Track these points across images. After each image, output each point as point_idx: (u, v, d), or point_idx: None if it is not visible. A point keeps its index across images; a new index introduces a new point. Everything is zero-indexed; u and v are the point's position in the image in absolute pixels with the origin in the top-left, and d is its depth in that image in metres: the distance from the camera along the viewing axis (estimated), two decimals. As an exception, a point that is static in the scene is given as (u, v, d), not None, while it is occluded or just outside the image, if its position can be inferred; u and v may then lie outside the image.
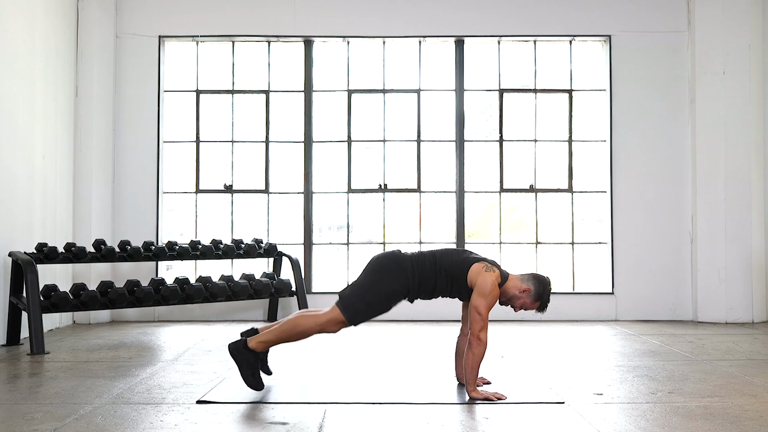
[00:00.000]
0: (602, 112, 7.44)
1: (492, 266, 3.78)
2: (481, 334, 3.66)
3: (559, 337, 5.99)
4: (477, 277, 3.73)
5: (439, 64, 7.53)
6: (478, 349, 3.67)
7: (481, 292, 3.68)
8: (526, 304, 3.84)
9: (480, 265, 3.77)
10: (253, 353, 3.79)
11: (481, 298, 3.67)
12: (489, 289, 3.68)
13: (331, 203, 7.52)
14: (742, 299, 6.89)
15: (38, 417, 3.34)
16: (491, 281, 3.70)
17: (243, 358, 3.77)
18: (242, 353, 3.77)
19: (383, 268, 3.81)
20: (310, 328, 3.75)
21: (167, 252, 6.31)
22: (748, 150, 6.95)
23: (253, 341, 3.79)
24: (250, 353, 3.78)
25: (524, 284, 3.82)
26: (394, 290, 3.78)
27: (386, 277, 3.78)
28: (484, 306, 3.67)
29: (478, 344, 3.66)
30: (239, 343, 3.81)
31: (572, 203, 7.43)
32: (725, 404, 3.60)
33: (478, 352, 3.67)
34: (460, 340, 4.09)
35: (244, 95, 7.51)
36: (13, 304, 5.54)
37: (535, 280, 3.85)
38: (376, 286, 3.78)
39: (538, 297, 3.83)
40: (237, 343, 3.81)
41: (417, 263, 3.82)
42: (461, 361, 4.02)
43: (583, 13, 7.31)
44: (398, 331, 6.35)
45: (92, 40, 7.03)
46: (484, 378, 4.11)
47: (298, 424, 3.25)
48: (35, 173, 6.16)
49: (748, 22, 6.97)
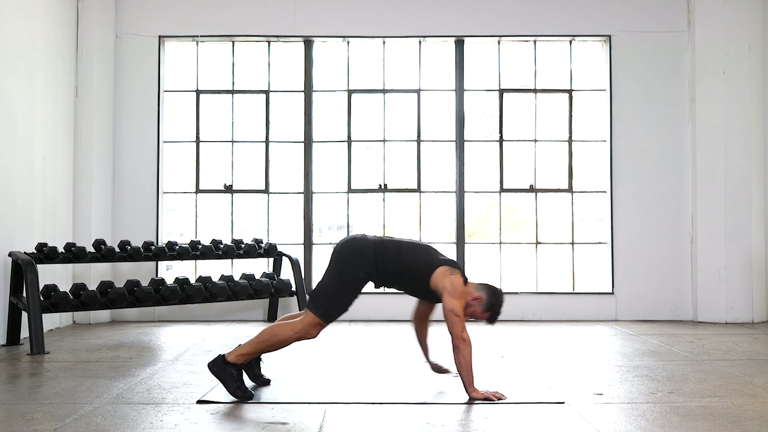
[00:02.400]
0: (602, 112, 7.44)
1: (455, 270, 3.78)
2: (463, 335, 3.66)
3: (559, 337, 5.99)
4: (443, 279, 3.73)
5: (439, 64, 7.53)
6: (466, 349, 3.66)
7: (453, 294, 3.68)
8: (476, 313, 3.80)
9: (445, 268, 3.76)
10: (234, 366, 3.73)
11: (454, 300, 3.67)
12: (459, 290, 3.70)
13: (331, 203, 7.52)
14: (742, 299, 6.89)
15: (38, 417, 3.34)
16: (459, 283, 3.72)
17: (224, 373, 3.72)
18: (222, 368, 3.72)
19: (344, 258, 3.79)
20: (288, 337, 3.72)
21: (167, 252, 6.31)
22: (748, 150, 6.95)
23: (231, 355, 3.75)
24: (231, 366, 3.73)
25: (477, 292, 3.79)
26: (358, 278, 3.77)
27: (348, 266, 3.76)
28: (460, 307, 3.68)
29: (464, 345, 3.66)
30: (217, 359, 3.76)
31: (572, 203, 7.43)
32: (725, 404, 3.60)
33: (466, 352, 3.67)
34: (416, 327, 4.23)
35: (244, 95, 7.51)
36: (13, 304, 5.54)
37: (488, 290, 3.82)
38: (340, 279, 3.76)
39: (489, 307, 3.79)
40: (215, 360, 3.77)
41: (380, 252, 3.80)
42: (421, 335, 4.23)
43: (583, 13, 7.31)
44: (398, 331, 6.34)
45: (92, 40, 7.03)
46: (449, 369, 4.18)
47: (298, 424, 3.25)
48: (35, 173, 6.16)
49: (748, 22, 6.97)
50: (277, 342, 3.74)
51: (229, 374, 3.71)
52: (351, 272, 3.76)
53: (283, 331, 3.73)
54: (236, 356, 3.75)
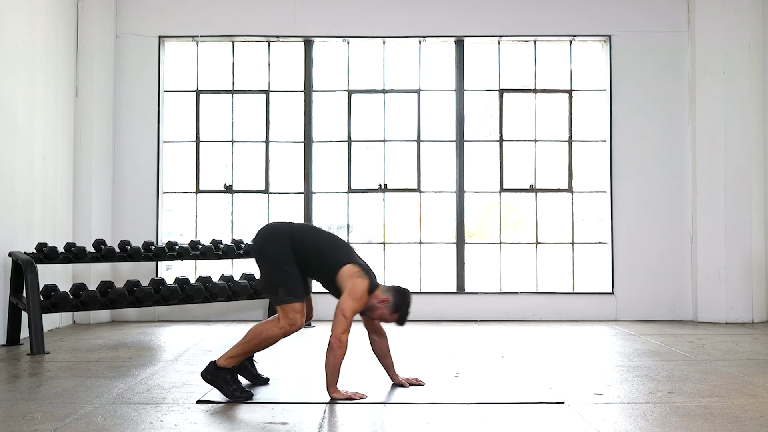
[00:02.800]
0: (602, 112, 7.44)
1: (365, 273, 3.75)
2: (342, 336, 3.65)
3: (559, 337, 5.99)
4: (349, 280, 3.71)
5: (439, 64, 7.53)
6: (339, 350, 3.65)
7: (351, 296, 3.67)
8: (384, 315, 3.79)
9: (355, 268, 3.74)
10: (227, 370, 3.73)
11: (350, 301, 3.66)
12: (359, 294, 3.68)
13: (331, 203, 7.52)
14: (742, 299, 6.88)
15: (38, 417, 3.34)
16: (363, 288, 3.70)
17: (219, 379, 3.72)
18: (215, 374, 3.72)
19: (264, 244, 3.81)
20: (274, 333, 3.72)
21: (167, 252, 6.31)
22: (748, 150, 6.95)
23: (222, 359, 3.75)
24: (224, 371, 3.73)
25: (383, 295, 3.77)
26: (286, 251, 3.76)
27: (270, 247, 3.77)
28: (351, 310, 3.66)
29: (339, 346, 3.64)
30: (209, 366, 3.76)
31: (572, 203, 7.43)
32: (725, 404, 3.60)
33: (339, 353, 3.66)
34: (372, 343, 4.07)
35: (244, 95, 7.51)
36: (13, 304, 5.54)
37: (395, 291, 3.80)
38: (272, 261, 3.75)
39: (396, 309, 3.77)
40: (207, 368, 3.77)
41: (295, 230, 3.83)
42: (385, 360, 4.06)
43: (583, 13, 7.31)
44: (398, 331, 6.34)
45: (92, 40, 7.03)
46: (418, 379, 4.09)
47: (298, 424, 3.25)
48: (35, 173, 6.16)
49: (748, 22, 6.97)
50: (264, 340, 3.73)
51: (223, 379, 3.71)
52: (276, 250, 3.76)
53: (268, 329, 3.73)
54: (226, 360, 3.74)
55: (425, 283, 7.37)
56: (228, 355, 3.76)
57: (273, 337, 3.73)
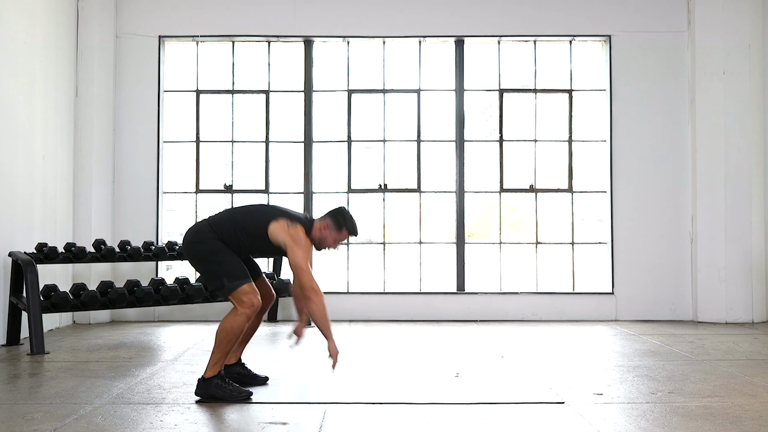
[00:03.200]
0: (602, 112, 7.44)
1: (294, 222, 3.74)
2: (313, 285, 3.66)
3: (559, 337, 5.99)
4: (282, 234, 3.71)
5: (439, 64, 7.53)
6: (317, 298, 3.65)
7: (296, 245, 3.67)
8: (335, 238, 3.82)
9: (279, 223, 3.73)
10: (215, 377, 3.72)
11: (298, 251, 3.67)
12: (301, 241, 3.69)
13: (331, 203, 7.50)
14: (742, 299, 6.88)
15: (38, 417, 3.34)
16: (300, 234, 3.70)
17: (211, 388, 3.70)
18: (207, 387, 3.71)
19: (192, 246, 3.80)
20: (240, 322, 3.68)
21: (167, 252, 6.31)
22: (748, 150, 6.95)
23: (207, 371, 3.74)
24: (212, 380, 3.71)
25: (322, 222, 3.81)
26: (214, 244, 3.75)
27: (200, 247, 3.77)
28: (303, 257, 3.68)
29: (315, 295, 3.65)
30: (198, 383, 3.75)
31: (572, 203, 7.43)
32: (725, 404, 3.60)
33: (318, 301, 3.66)
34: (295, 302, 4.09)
35: (244, 95, 7.51)
36: (13, 304, 5.54)
37: (329, 214, 3.84)
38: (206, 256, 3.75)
39: (339, 225, 3.81)
40: (198, 386, 3.75)
41: (215, 222, 3.82)
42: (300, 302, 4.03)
43: (583, 13, 7.31)
44: (398, 331, 6.35)
45: (92, 40, 7.03)
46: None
47: (298, 424, 3.25)
48: (35, 173, 6.16)
49: (748, 22, 6.97)
50: (233, 333, 3.70)
51: (216, 385, 3.70)
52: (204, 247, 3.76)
53: (232, 322, 3.69)
54: (210, 369, 3.73)
55: (425, 283, 7.37)
56: (210, 365, 3.73)
57: (239, 326, 3.70)
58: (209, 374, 3.72)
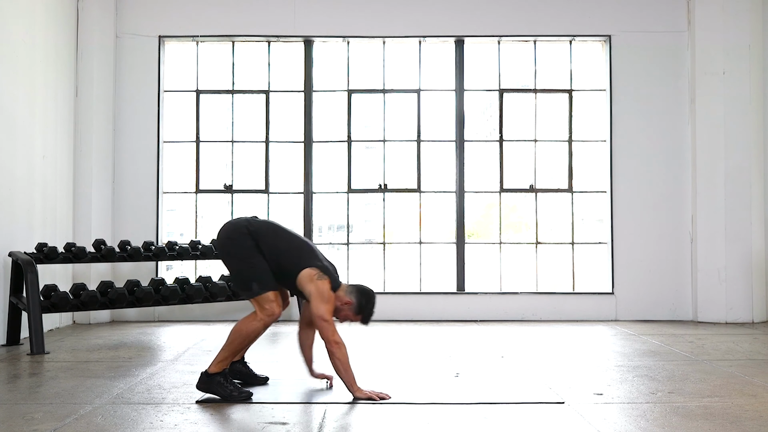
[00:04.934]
0: (602, 112, 7.44)
1: (324, 275, 3.76)
2: (335, 338, 3.67)
3: (559, 337, 5.99)
4: (309, 284, 3.72)
5: (439, 64, 7.53)
6: (340, 351, 3.68)
7: (321, 299, 3.68)
8: (349, 317, 3.84)
9: (312, 271, 3.74)
10: (219, 374, 3.74)
11: (322, 305, 3.67)
12: (327, 296, 3.70)
13: (331, 203, 7.52)
14: (742, 299, 6.88)
15: (38, 417, 3.34)
16: (326, 288, 3.72)
17: (213, 385, 3.72)
18: (209, 382, 3.73)
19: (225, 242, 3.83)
20: (256, 328, 3.73)
21: (167, 252, 6.31)
22: (748, 150, 6.95)
23: (211, 366, 3.76)
24: (215, 376, 3.73)
25: (347, 297, 3.80)
26: (249, 245, 3.77)
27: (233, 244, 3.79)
28: (327, 311, 3.68)
29: (338, 348, 3.67)
30: (201, 376, 3.77)
31: (572, 203, 7.43)
32: (725, 404, 3.60)
33: (341, 354, 3.68)
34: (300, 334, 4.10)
35: (244, 95, 7.51)
36: (13, 304, 5.54)
37: (358, 293, 3.83)
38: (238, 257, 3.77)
39: (359, 310, 3.81)
40: (200, 379, 3.77)
41: (253, 226, 3.83)
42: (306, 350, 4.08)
43: (583, 13, 7.31)
44: (398, 331, 6.35)
45: (92, 40, 7.03)
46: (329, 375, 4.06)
47: (298, 424, 3.25)
48: (35, 173, 6.16)
49: (748, 22, 6.97)
50: (247, 336, 3.74)
51: (217, 383, 3.72)
52: (239, 245, 3.78)
53: (249, 325, 3.73)
54: (216, 365, 3.75)
55: (425, 283, 7.37)
56: (216, 361, 3.76)
57: (255, 331, 3.74)
58: (213, 370, 3.74)
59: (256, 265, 3.75)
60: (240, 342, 3.75)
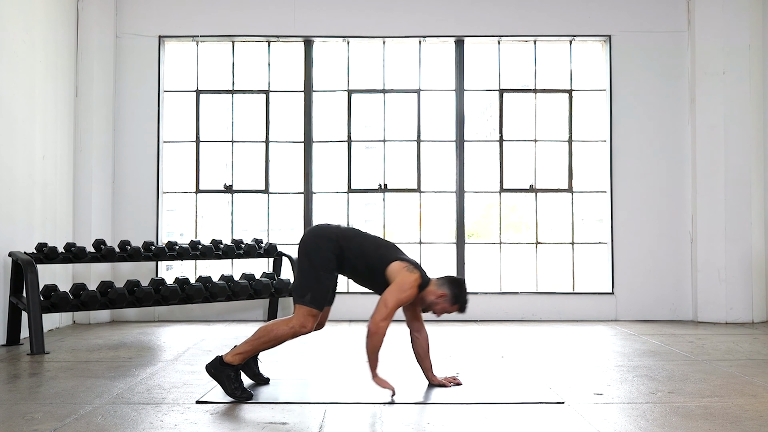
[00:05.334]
0: (602, 112, 7.44)
1: (415, 268, 3.76)
2: (381, 323, 3.65)
3: (559, 337, 5.99)
4: (397, 274, 3.73)
5: (439, 64, 7.53)
6: (376, 336, 3.67)
7: (398, 287, 3.68)
8: (446, 309, 3.86)
9: (402, 264, 3.76)
10: (231, 367, 3.76)
11: (395, 292, 3.67)
12: (407, 287, 3.69)
13: (331, 203, 7.51)
14: (742, 299, 6.88)
15: (38, 417, 3.34)
16: (411, 281, 3.71)
17: (222, 375, 3.74)
18: (219, 370, 3.75)
19: (310, 244, 3.82)
20: (284, 333, 3.75)
21: (167, 252, 6.31)
22: (748, 150, 6.95)
23: (228, 355, 3.78)
24: (228, 368, 3.75)
25: (440, 290, 3.82)
26: (328, 258, 3.78)
27: (315, 250, 3.79)
28: (395, 300, 3.67)
29: (376, 332, 3.66)
30: (215, 361, 3.79)
31: (572, 203, 7.43)
32: (725, 404, 3.60)
33: (375, 339, 3.67)
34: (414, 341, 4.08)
35: (244, 95, 7.51)
36: (13, 304, 5.54)
37: (450, 283, 3.85)
38: (311, 264, 3.77)
39: (455, 300, 3.84)
40: (213, 362, 3.79)
41: (342, 234, 3.84)
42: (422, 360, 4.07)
43: (583, 13, 7.31)
44: (398, 331, 6.34)
45: (92, 40, 7.03)
46: (456, 379, 4.09)
47: (298, 424, 3.25)
48: (35, 173, 6.16)
49: (748, 22, 6.97)
50: (273, 339, 3.77)
51: (227, 375, 3.73)
52: (320, 254, 3.78)
53: (278, 328, 3.76)
54: (233, 356, 3.77)
55: (425, 283, 7.36)
56: (235, 352, 3.79)
57: (282, 336, 3.75)
58: (228, 360, 3.76)
59: (322, 281, 3.76)
60: (265, 341, 3.77)
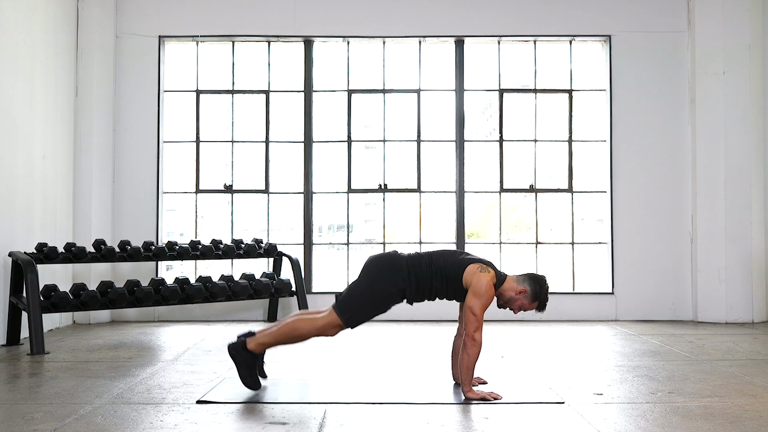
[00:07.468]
0: (602, 112, 7.44)
1: (487, 267, 3.77)
2: (476, 335, 3.66)
3: (559, 337, 5.99)
4: (472, 278, 3.73)
5: (439, 64, 7.53)
6: (473, 349, 3.67)
7: (475, 293, 3.68)
8: (525, 305, 3.84)
9: (475, 266, 3.77)
10: (252, 354, 3.84)
11: (475, 299, 3.68)
12: (484, 289, 3.68)
13: (331, 203, 7.52)
14: (742, 299, 6.88)
15: (38, 417, 3.34)
16: (486, 282, 3.70)
17: (242, 358, 3.82)
18: (241, 354, 3.82)
19: (379, 270, 3.81)
20: (308, 332, 3.79)
21: (167, 252, 6.31)
22: (748, 150, 6.95)
23: (252, 343, 3.83)
24: (249, 354, 3.83)
25: (520, 285, 3.81)
26: (390, 293, 3.79)
27: (382, 279, 3.79)
28: (479, 306, 3.68)
29: (473, 344, 3.66)
30: (238, 344, 3.85)
31: (572, 203, 7.43)
32: (725, 404, 3.60)
33: (472, 352, 3.67)
34: (456, 339, 4.11)
35: (244, 95, 7.51)
36: (13, 304, 5.54)
37: (531, 280, 3.83)
38: (371, 288, 3.79)
39: (535, 297, 3.82)
40: (236, 344, 3.85)
41: (413, 264, 3.82)
42: (457, 360, 4.02)
43: (583, 13, 7.31)
44: (398, 331, 6.35)
45: (92, 40, 7.03)
46: (480, 378, 4.10)
47: (298, 424, 3.25)
48: (35, 173, 6.16)
49: (748, 22, 6.97)
50: (297, 336, 3.81)
51: (245, 360, 3.80)
52: (384, 287, 3.78)
53: (304, 326, 3.79)
54: (256, 345, 3.83)
55: (425, 283, 7.36)
56: (258, 341, 3.83)
57: (306, 335, 3.80)
58: (251, 346, 3.82)
59: (371, 307, 3.79)
60: (289, 337, 3.81)
